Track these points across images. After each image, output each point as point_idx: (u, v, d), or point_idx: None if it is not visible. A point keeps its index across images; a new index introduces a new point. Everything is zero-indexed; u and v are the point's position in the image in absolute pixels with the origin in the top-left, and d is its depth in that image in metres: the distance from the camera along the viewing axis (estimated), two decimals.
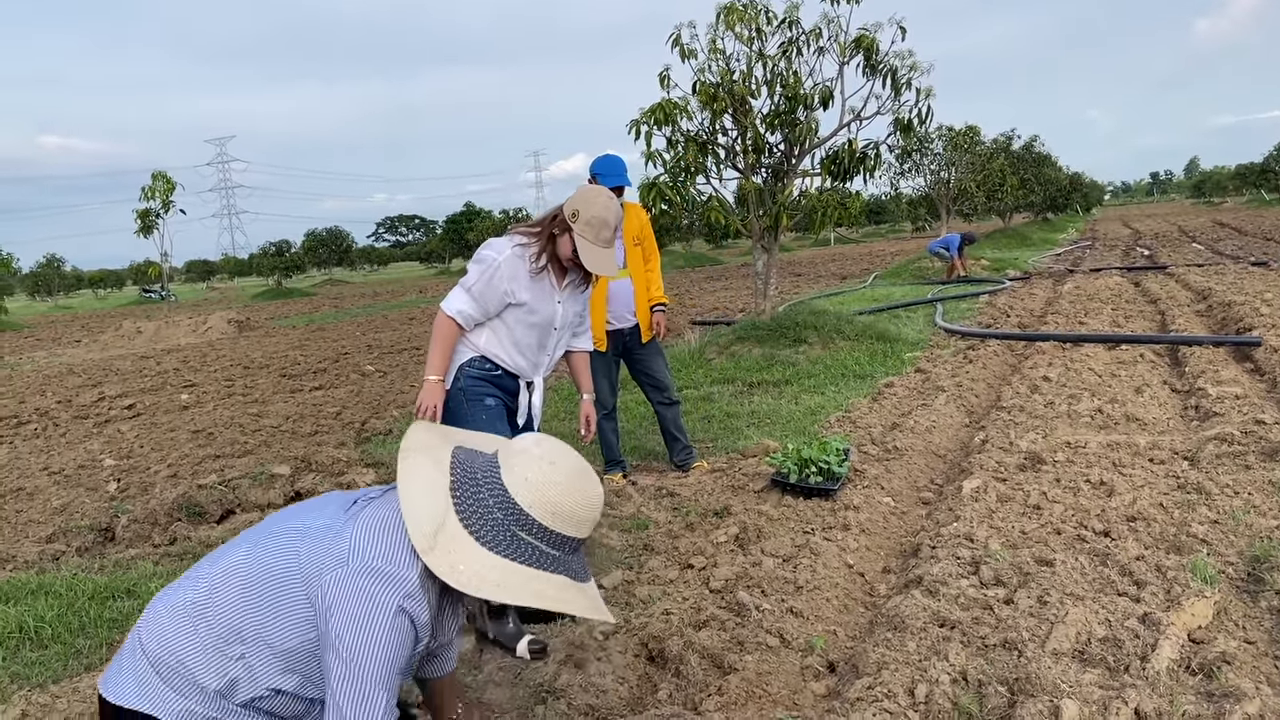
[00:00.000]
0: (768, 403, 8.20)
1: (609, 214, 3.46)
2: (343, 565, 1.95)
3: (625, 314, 5.99)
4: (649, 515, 5.27)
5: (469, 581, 1.94)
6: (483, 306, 3.55)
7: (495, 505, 2.01)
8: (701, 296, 22.70)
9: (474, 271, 3.56)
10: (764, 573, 4.12)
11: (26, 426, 9.95)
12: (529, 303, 3.57)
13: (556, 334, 3.73)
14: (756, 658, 3.38)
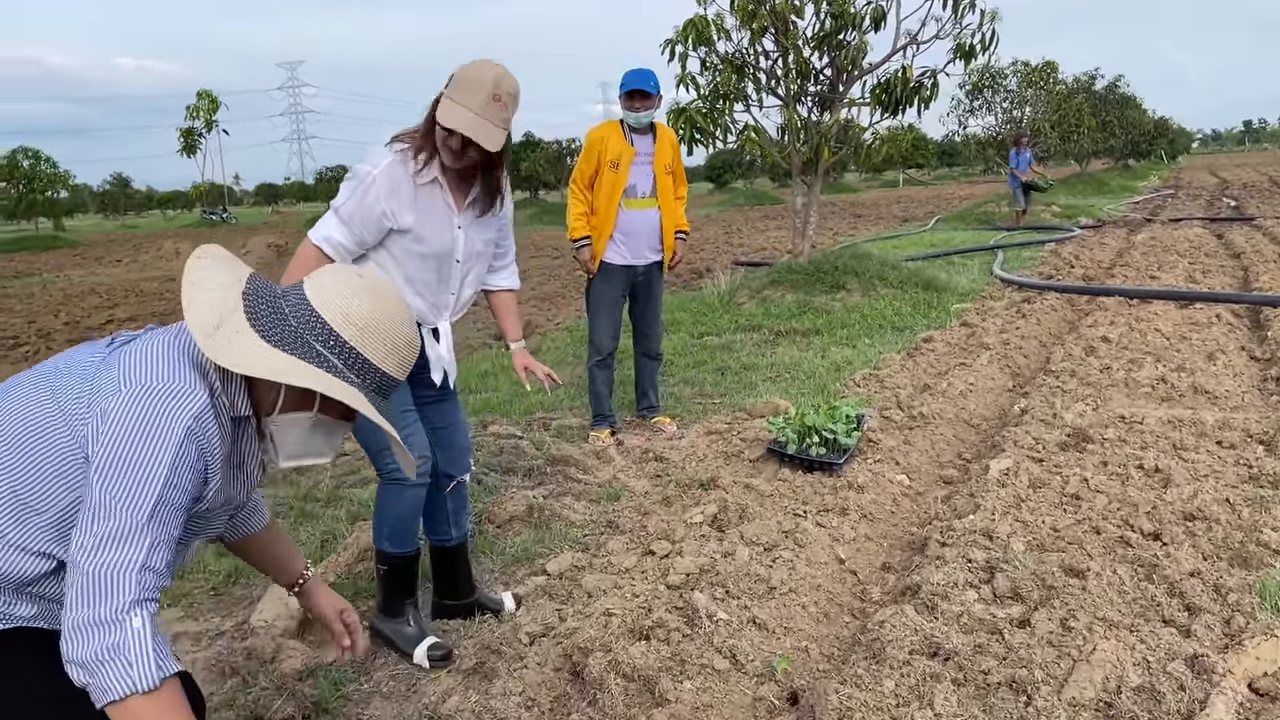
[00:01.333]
0: (792, 355, 7.45)
1: (486, 74, 2.70)
2: (116, 394, 1.59)
3: (646, 250, 5.47)
4: (625, 484, 4.61)
5: (248, 362, 1.64)
6: (356, 234, 2.83)
7: (291, 313, 1.73)
8: (752, 235, 21.79)
9: (345, 189, 2.85)
10: (735, 566, 3.44)
11: (20, 349, 9.60)
12: (414, 228, 2.84)
13: (460, 266, 2.99)
14: (698, 684, 2.72)
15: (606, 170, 5.24)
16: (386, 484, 2.96)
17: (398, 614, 3.07)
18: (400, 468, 2.91)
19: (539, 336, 9.08)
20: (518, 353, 3.35)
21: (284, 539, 2.25)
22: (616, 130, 5.29)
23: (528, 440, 5.31)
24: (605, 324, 5.51)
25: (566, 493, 4.48)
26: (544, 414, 5.99)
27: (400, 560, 3.05)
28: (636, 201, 5.34)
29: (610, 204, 5.27)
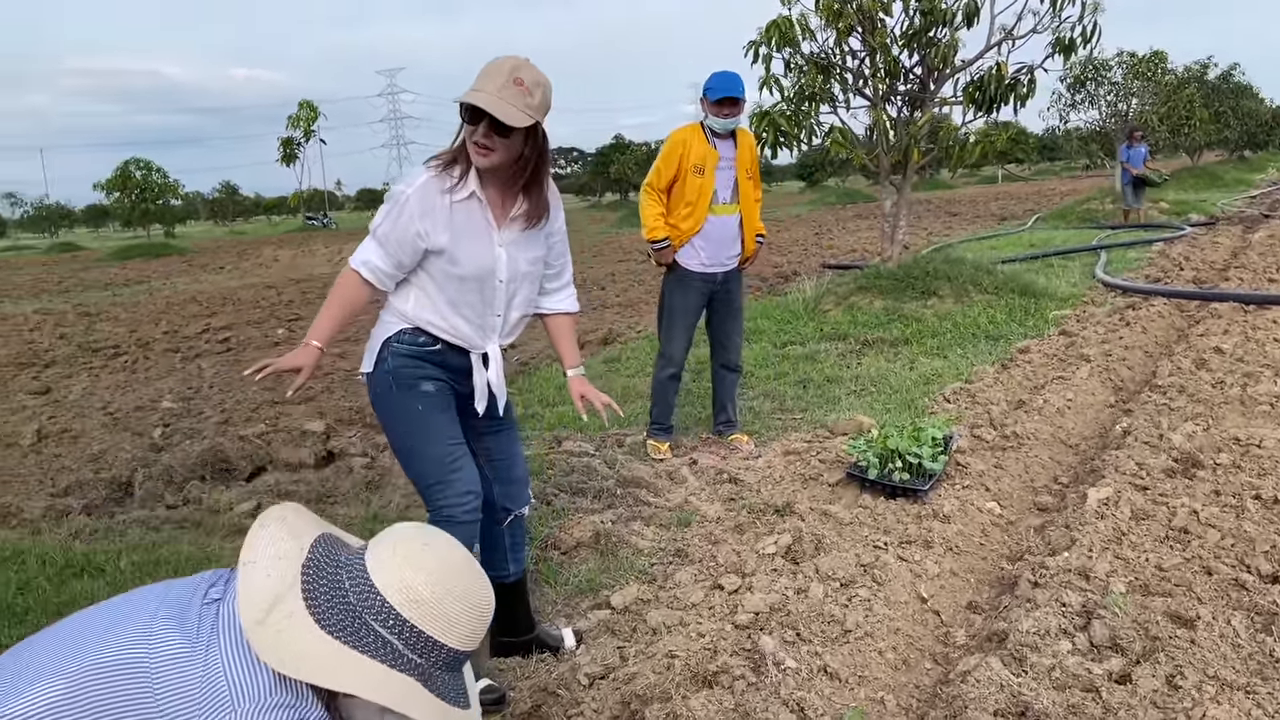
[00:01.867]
0: (878, 366, 7.17)
1: (504, 62, 2.56)
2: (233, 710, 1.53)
3: (725, 257, 5.29)
4: (696, 508, 4.44)
5: (294, 662, 1.56)
6: (393, 256, 2.70)
7: (351, 587, 1.66)
8: (842, 236, 21.36)
9: (381, 211, 2.72)
10: (807, 605, 3.24)
11: (120, 358, 9.87)
12: (448, 248, 2.69)
13: (505, 288, 2.83)
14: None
15: (690, 176, 5.08)
16: (435, 521, 2.84)
17: None
18: (451, 504, 2.80)
19: (620, 345, 8.96)
20: (574, 380, 3.19)
21: None
22: (698, 134, 5.12)
23: (600, 459, 5.18)
24: (680, 333, 5.36)
25: (636, 517, 4.33)
26: (619, 430, 5.85)
27: None
28: (720, 207, 5.17)
29: (700, 209, 5.12)
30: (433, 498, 2.82)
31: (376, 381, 2.82)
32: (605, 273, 15.78)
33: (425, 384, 2.79)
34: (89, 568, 4.04)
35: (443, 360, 2.83)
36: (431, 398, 2.80)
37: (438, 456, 2.78)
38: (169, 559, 4.09)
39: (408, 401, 2.77)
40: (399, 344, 2.78)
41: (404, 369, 2.78)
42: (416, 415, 2.77)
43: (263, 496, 5.00)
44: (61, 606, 3.71)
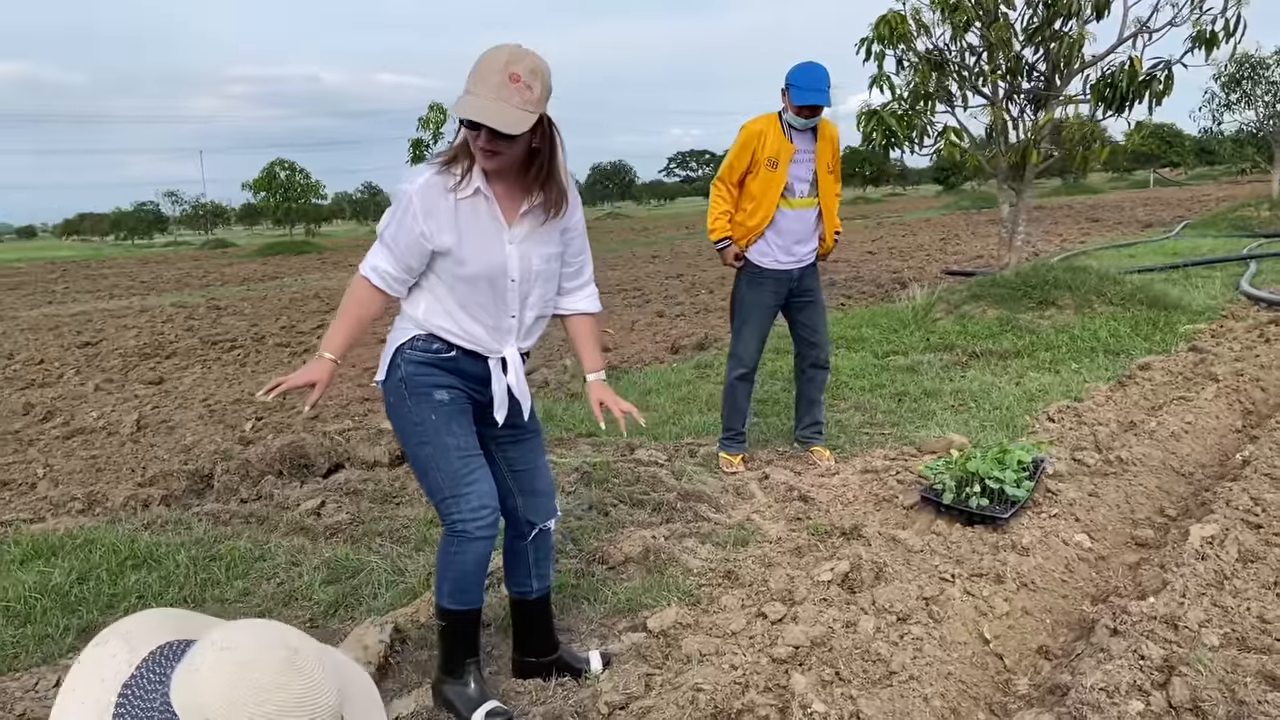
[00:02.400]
0: (982, 380, 6.76)
1: (497, 57, 2.39)
2: None
3: (800, 249, 5.00)
4: (758, 526, 4.20)
5: None
6: (402, 260, 2.58)
7: (160, 708, 1.41)
8: (970, 242, 20.55)
9: (388, 214, 2.61)
10: (854, 640, 2.99)
11: (234, 352, 10.19)
12: (453, 248, 2.55)
13: (517, 287, 2.67)
14: None
15: (763, 168, 4.84)
16: (449, 535, 2.72)
17: (457, 674, 2.82)
18: (465, 519, 2.66)
19: (717, 350, 8.74)
20: (594, 385, 2.96)
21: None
22: (775, 125, 4.86)
23: (668, 469, 4.99)
24: (752, 333, 5.11)
25: (692, 534, 4.12)
26: (693, 439, 5.65)
27: (461, 617, 2.80)
28: (795, 201, 4.91)
29: (767, 204, 4.87)
30: (446, 512, 2.70)
31: (390, 390, 2.71)
32: (716, 276, 15.54)
33: (439, 392, 2.67)
34: (149, 560, 4.08)
35: (457, 367, 2.70)
36: (445, 407, 2.67)
37: (451, 470, 2.66)
38: (225, 555, 4.10)
39: (421, 411, 2.65)
40: (412, 351, 2.67)
41: (417, 376, 2.66)
42: (429, 425, 2.65)
43: (330, 494, 5.00)
44: (114, 599, 3.75)
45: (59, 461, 5.93)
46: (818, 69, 4.75)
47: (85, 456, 6.03)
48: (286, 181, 43.30)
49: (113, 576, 3.93)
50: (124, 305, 16.64)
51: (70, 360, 10.00)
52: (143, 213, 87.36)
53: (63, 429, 6.70)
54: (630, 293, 14.19)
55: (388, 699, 2.98)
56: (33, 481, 5.46)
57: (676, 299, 13.12)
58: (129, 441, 6.36)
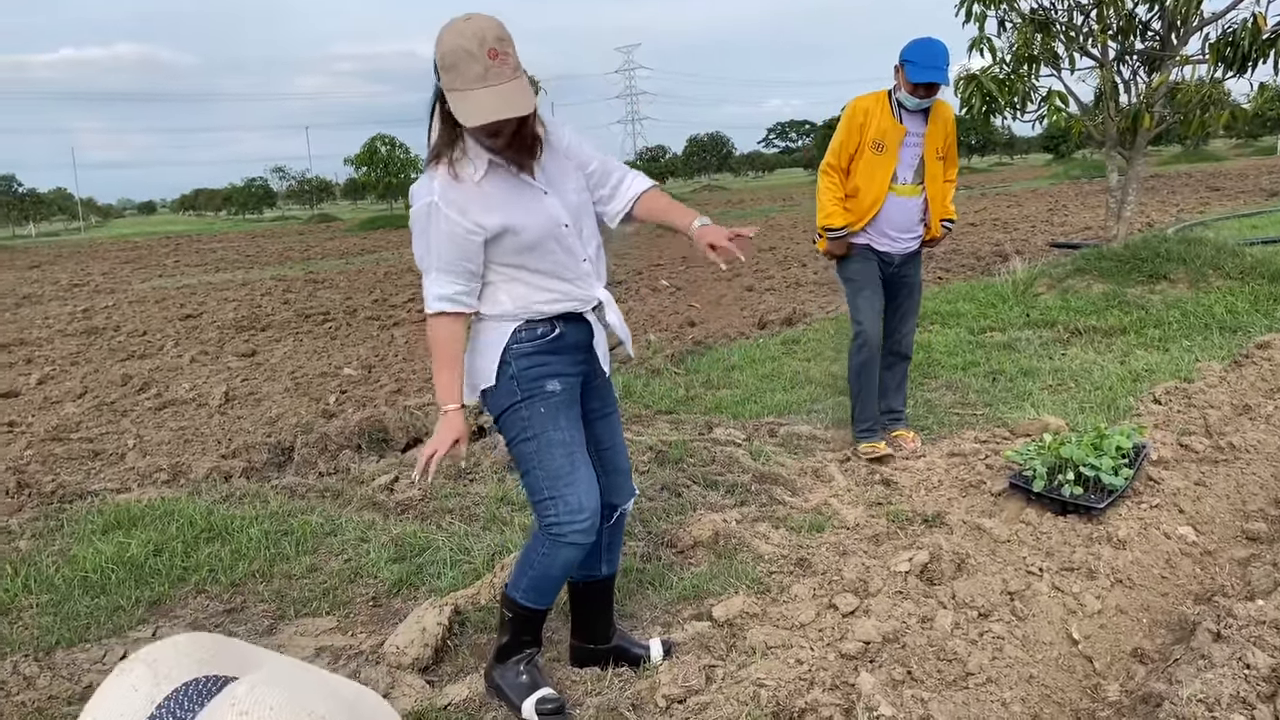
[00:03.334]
0: (1084, 358, 6.40)
1: (466, 39, 2.24)
2: None
3: (902, 235, 4.71)
4: (835, 511, 4.02)
5: None
6: (461, 270, 2.47)
7: None
8: (1078, 213, 19.71)
9: (418, 242, 2.49)
10: (929, 638, 2.81)
11: (326, 324, 10.35)
12: (506, 225, 2.44)
13: (573, 229, 2.56)
14: None
15: (868, 151, 4.54)
16: (544, 536, 2.61)
17: (513, 662, 2.73)
18: (562, 521, 2.55)
19: (805, 326, 8.51)
20: (700, 230, 2.65)
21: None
22: (883, 104, 4.56)
23: (746, 450, 4.83)
24: (869, 302, 4.73)
25: (765, 517, 3.97)
26: (774, 418, 5.47)
27: (531, 614, 2.72)
28: (900, 188, 4.60)
29: (874, 190, 4.57)
30: (543, 513, 2.59)
31: (500, 394, 2.59)
32: (810, 250, 15.20)
33: (551, 383, 2.58)
34: (223, 533, 4.12)
35: (564, 343, 2.61)
36: (556, 399, 2.58)
37: (553, 467, 2.55)
38: (296, 530, 4.11)
39: (531, 405, 2.56)
40: (517, 345, 2.56)
41: (529, 370, 2.56)
42: (537, 419, 2.55)
43: (405, 469, 4.99)
44: (186, 572, 3.79)
45: (149, 432, 6.07)
46: (936, 45, 4.44)
47: (174, 428, 6.17)
48: (386, 156, 44.06)
49: (187, 549, 3.97)
50: (227, 278, 17.14)
51: (170, 332, 10.31)
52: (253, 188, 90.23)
53: (155, 400, 6.87)
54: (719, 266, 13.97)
55: (442, 683, 2.93)
56: (123, 452, 5.59)
57: (767, 273, 12.87)
58: (217, 414, 6.48)
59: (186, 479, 5.08)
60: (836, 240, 4.68)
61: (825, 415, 5.53)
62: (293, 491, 4.76)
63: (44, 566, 3.83)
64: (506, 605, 2.74)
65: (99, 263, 24.12)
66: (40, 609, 3.51)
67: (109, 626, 3.38)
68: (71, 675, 3.06)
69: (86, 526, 4.27)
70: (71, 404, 7.02)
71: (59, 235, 59.35)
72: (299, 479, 5.02)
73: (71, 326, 11.06)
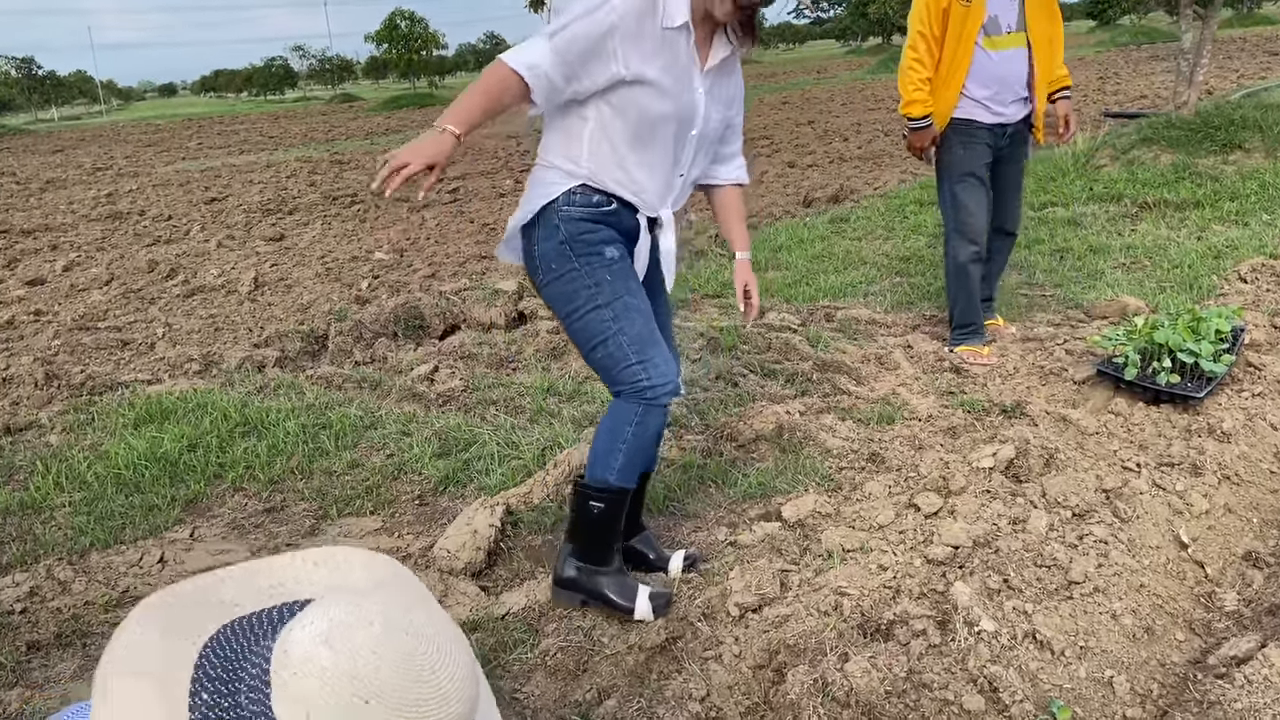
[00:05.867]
0: (1157, 234, 6.02)
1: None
2: None
3: (1015, 102, 4.11)
4: (905, 401, 3.77)
5: None
6: (571, 70, 2.16)
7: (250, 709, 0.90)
8: (1131, 81, 18.81)
9: (572, 11, 2.17)
10: (1024, 541, 2.58)
11: (354, 207, 10.06)
12: (655, 80, 2.20)
13: (695, 142, 2.36)
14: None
15: (955, 5, 3.93)
16: (635, 403, 2.37)
17: (607, 560, 2.49)
18: (655, 384, 2.34)
19: (853, 204, 8.12)
20: (741, 265, 2.64)
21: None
22: None
23: (803, 336, 4.56)
24: (977, 202, 4.16)
25: (831, 408, 3.72)
26: (829, 302, 5.18)
27: (624, 497, 2.47)
28: (1000, 39, 3.99)
29: (963, 46, 3.98)
30: (632, 380, 2.36)
31: (548, 257, 2.34)
32: (850, 123, 14.62)
33: (609, 249, 2.34)
34: (258, 427, 3.94)
35: (617, 221, 2.37)
36: (618, 265, 2.35)
37: (636, 333, 2.34)
38: (335, 423, 3.92)
39: (594, 273, 2.32)
40: (570, 207, 2.31)
41: (583, 235, 2.32)
42: (607, 287, 2.31)
43: (444, 358, 4.78)
44: (221, 468, 3.62)
45: (178, 320, 5.88)
46: None
47: (204, 316, 5.97)
48: (407, 32, 42.91)
49: (222, 444, 3.79)
50: (251, 161, 16.78)
51: (196, 216, 10.06)
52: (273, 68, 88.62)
53: (183, 287, 6.67)
54: (758, 142, 13.43)
55: (498, 589, 2.75)
56: (152, 341, 5.41)
57: (808, 148, 12.36)
58: (247, 300, 6.28)
59: (218, 369, 4.90)
60: (918, 131, 4.13)
61: (883, 298, 5.24)
62: (329, 382, 4.56)
63: (76, 463, 3.67)
64: (594, 495, 2.45)
65: (121, 146, 23.77)
66: (73, 508, 3.36)
67: (144, 527, 3.22)
68: (108, 579, 2.91)
69: (118, 420, 4.10)
70: (98, 291, 6.83)
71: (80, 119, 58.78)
72: (335, 369, 4.82)
73: (96, 211, 10.83)
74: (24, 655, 2.58)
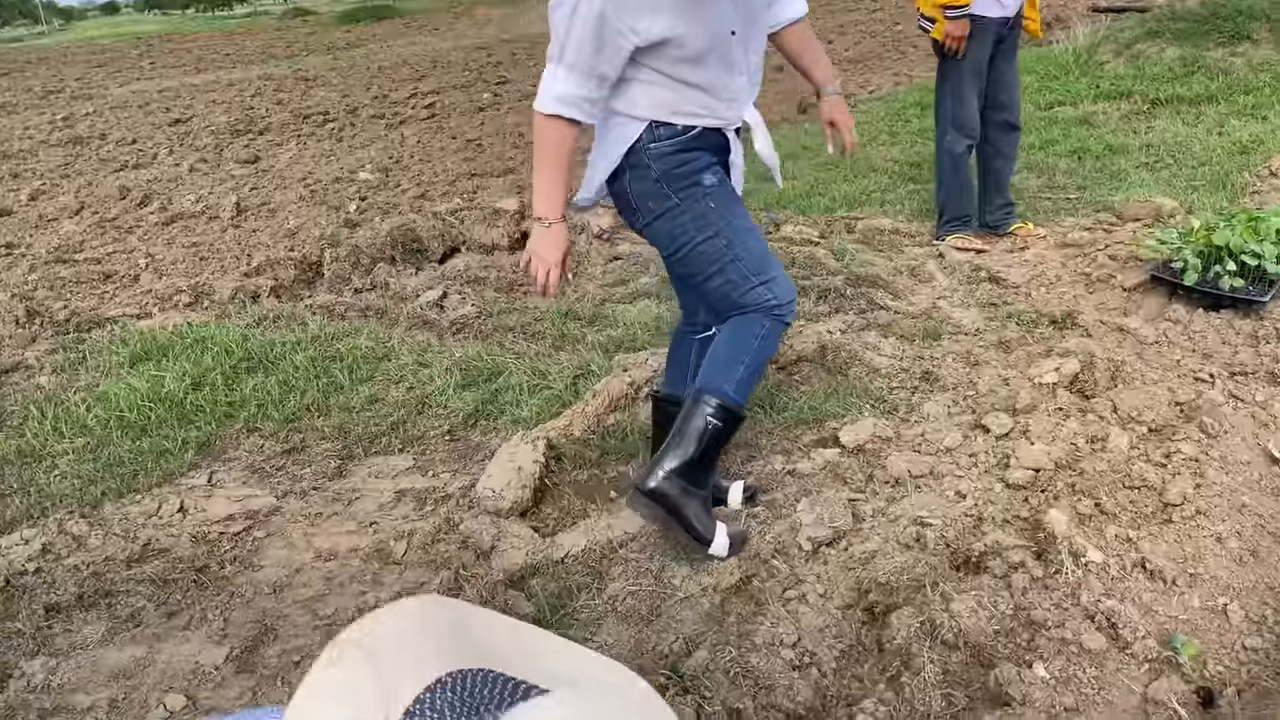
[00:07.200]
0: (1175, 131, 5.83)
1: None
2: None
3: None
4: (948, 315, 3.61)
5: None
6: (595, 75, 2.04)
7: None
8: None
9: (557, 24, 2.03)
10: (1108, 462, 2.44)
11: (328, 125, 9.63)
12: (670, 35, 2.02)
13: (738, 40, 2.12)
14: (1056, 671, 1.84)
15: None
16: (763, 320, 2.22)
17: (703, 484, 2.30)
18: (781, 300, 2.23)
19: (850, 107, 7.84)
20: (828, 101, 2.50)
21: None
22: None
23: (825, 248, 4.37)
24: (973, 92, 4.19)
25: (870, 325, 3.55)
26: (846, 212, 4.98)
27: (737, 418, 2.30)
28: None
29: None
30: (760, 299, 2.22)
31: (644, 197, 2.20)
32: (835, 24, 14.18)
33: (706, 176, 2.19)
34: (264, 362, 3.71)
35: (707, 143, 2.20)
36: (719, 189, 2.20)
37: (756, 252, 2.22)
38: (345, 355, 3.70)
39: (696, 204, 2.17)
40: (656, 144, 2.15)
41: (676, 169, 2.16)
42: (713, 215, 2.17)
43: (451, 283, 4.55)
44: (231, 407, 3.40)
45: (160, 250, 5.57)
46: None
47: (187, 244, 5.66)
48: None
49: (228, 382, 3.57)
50: (210, 80, 16.08)
51: (161, 139, 9.59)
52: None
53: (161, 214, 6.33)
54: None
55: (550, 529, 2.59)
56: (135, 273, 5.12)
57: None
58: (230, 227, 5.96)
59: (210, 301, 4.63)
60: (958, 19, 3.96)
61: (902, 207, 5.04)
62: (330, 311, 4.33)
63: (73, 406, 3.44)
64: (717, 414, 2.25)
65: (70, 68, 22.76)
66: (77, 455, 3.14)
67: (158, 473, 3.02)
68: (126, 532, 2.71)
69: (111, 359, 3.85)
70: (69, 221, 6.48)
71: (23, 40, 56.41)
72: (335, 297, 4.58)
73: (54, 136, 10.31)
74: (43, 620, 2.39)
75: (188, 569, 2.55)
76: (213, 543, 2.68)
